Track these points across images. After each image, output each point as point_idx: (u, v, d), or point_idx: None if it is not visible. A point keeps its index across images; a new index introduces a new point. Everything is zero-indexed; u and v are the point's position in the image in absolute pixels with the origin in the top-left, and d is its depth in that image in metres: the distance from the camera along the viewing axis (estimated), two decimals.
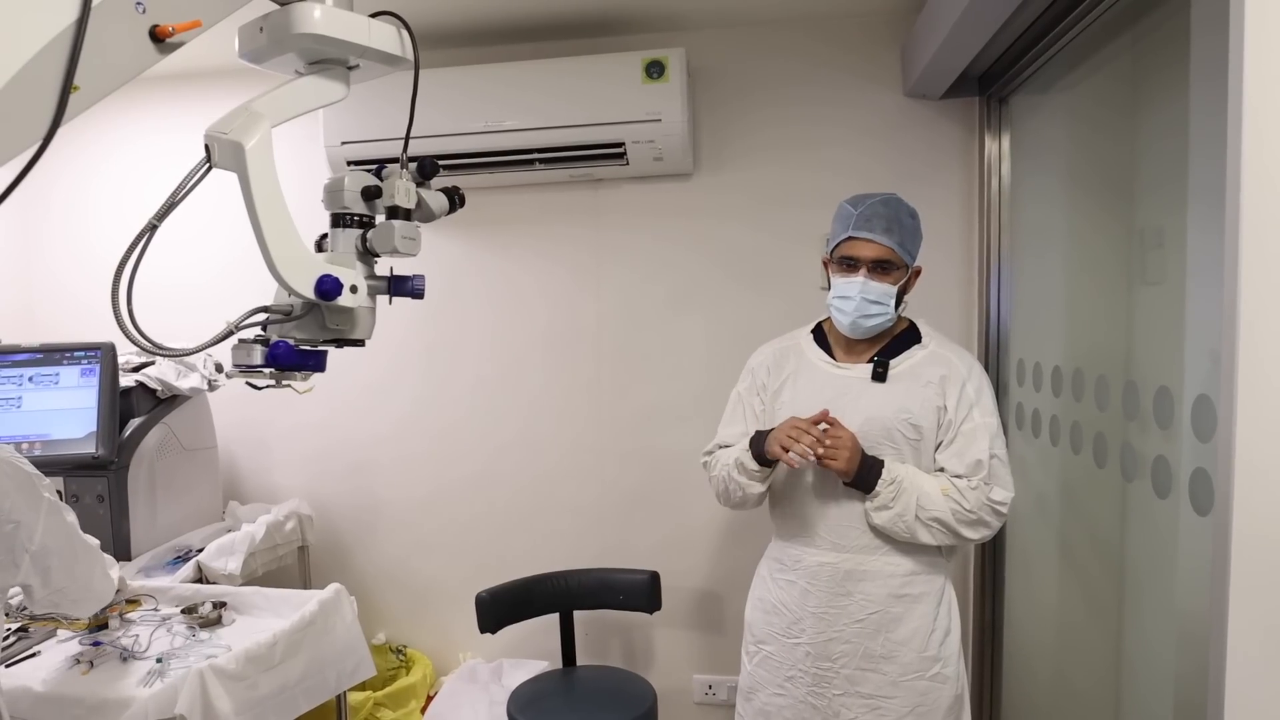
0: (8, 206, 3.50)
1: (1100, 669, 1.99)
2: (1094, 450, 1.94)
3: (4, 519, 1.57)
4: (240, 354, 1.36)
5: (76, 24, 0.99)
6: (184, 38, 1.11)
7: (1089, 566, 2.11)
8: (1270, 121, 1.05)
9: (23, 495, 1.60)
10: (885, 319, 1.91)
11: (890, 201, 1.92)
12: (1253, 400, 1.07)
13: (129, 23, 1.06)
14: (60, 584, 1.70)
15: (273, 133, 1.32)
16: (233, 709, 1.72)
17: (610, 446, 3.03)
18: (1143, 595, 1.79)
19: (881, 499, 1.85)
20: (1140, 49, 1.84)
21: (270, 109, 1.31)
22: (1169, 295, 1.61)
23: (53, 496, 1.68)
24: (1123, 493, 1.82)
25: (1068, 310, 2.23)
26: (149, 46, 1.09)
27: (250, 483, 3.24)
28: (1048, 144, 2.41)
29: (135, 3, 1.06)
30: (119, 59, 1.06)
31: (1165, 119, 1.68)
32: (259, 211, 1.26)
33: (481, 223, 3.02)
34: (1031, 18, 2.10)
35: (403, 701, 2.81)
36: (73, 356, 2.53)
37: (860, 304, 1.89)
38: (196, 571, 2.48)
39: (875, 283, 1.89)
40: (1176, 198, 1.49)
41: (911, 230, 1.92)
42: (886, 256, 1.88)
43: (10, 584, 1.63)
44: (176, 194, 1.29)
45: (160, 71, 1.43)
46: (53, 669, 1.90)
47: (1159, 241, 1.73)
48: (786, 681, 1.98)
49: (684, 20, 2.80)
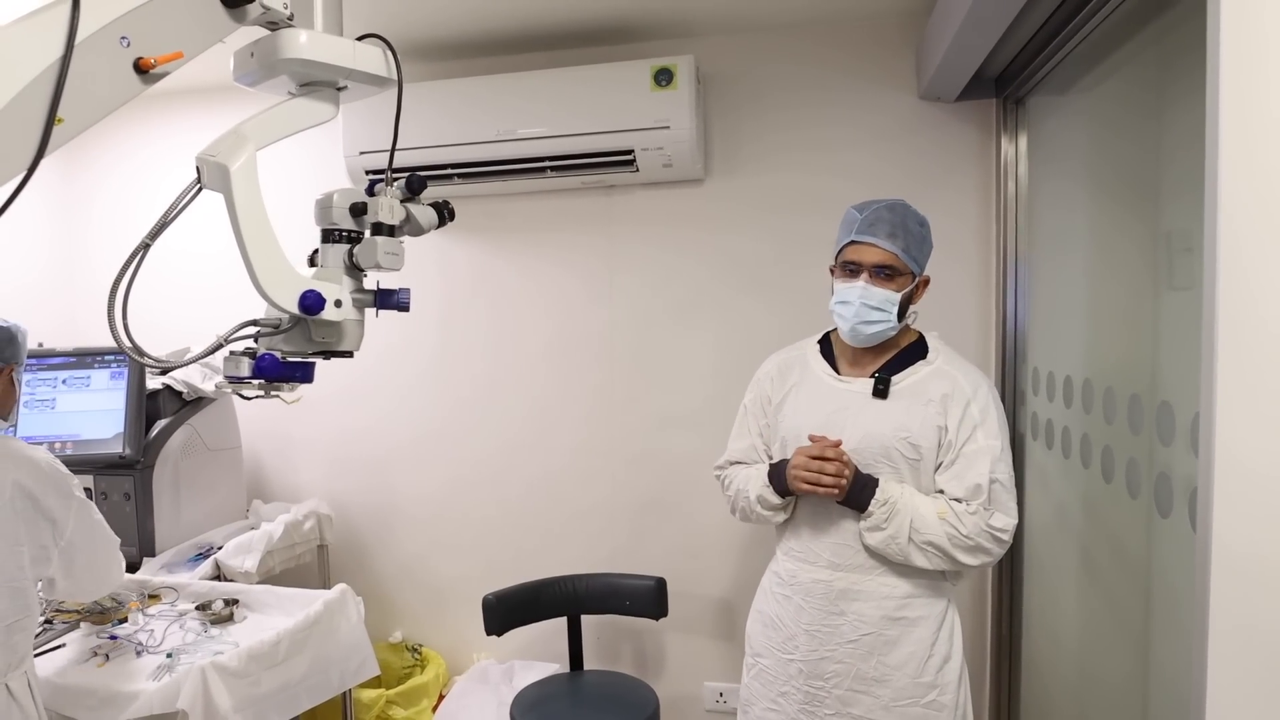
0: (53, 217, 3.65)
1: (1121, 688, 1.94)
2: (1102, 464, 1.90)
3: (44, 516, 1.70)
4: (230, 366, 1.41)
5: (61, 60, 1.04)
6: (167, 69, 1.15)
7: (1104, 584, 2.07)
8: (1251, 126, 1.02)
9: (59, 495, 1.74)
10: (886, 327, 1.87)
11: (896, 207, 1.88)
12: (1232, 411, 1.04)
13: (113, 56, 1.11)
14: (81, 577, 1.83)
15: (293, 140, 1.39)
16: (233, 705, 1.78)
17: (621, 451, 3.05)
18: (1163, 615, 1.75)
19: (874, 520, 1.82)
20: (1164, 45, 1.78)
21: (257, 131, 1.36)
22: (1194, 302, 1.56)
23: (82, 495, 1.79)
24: (1129, 510, 1.78)
25: (1087, 318, 2.18)
26: (133, 78, 1.14)
27: (274, 482, 3.33)
28: (1066, 145, 2.37)
29: (120, 37, 1.11)
30: (103, 91, 1.11)
31: (1192, 118, 1.63)
32: (243, 230, 1.30)
33: (497, 229, 3.07)
34: (1044, 15, 2.06)
35: (414, 700, 2.87)
36: (103, 360, 2.63)
37: (860, 309, 1.85)
38: (215, 569, 2.56)
39: (876, 288, 1.85)
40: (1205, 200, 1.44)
41: (918, 238, 1.88)
42: (889, 262, 1.84)
43: (43, 576, 1.75)
44: (169, 213, 1.35)
45: (201, 83, 1.50)
46: (71, 660, 1.99)
47: (1187, 245, 1.66)
48: (780, 697, 1.97)
49: (695, 27, 2.81)
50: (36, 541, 1.71)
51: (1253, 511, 1.01)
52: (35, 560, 1.71)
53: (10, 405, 1.89)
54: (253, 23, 1.31)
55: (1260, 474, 0.99)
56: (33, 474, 1.70)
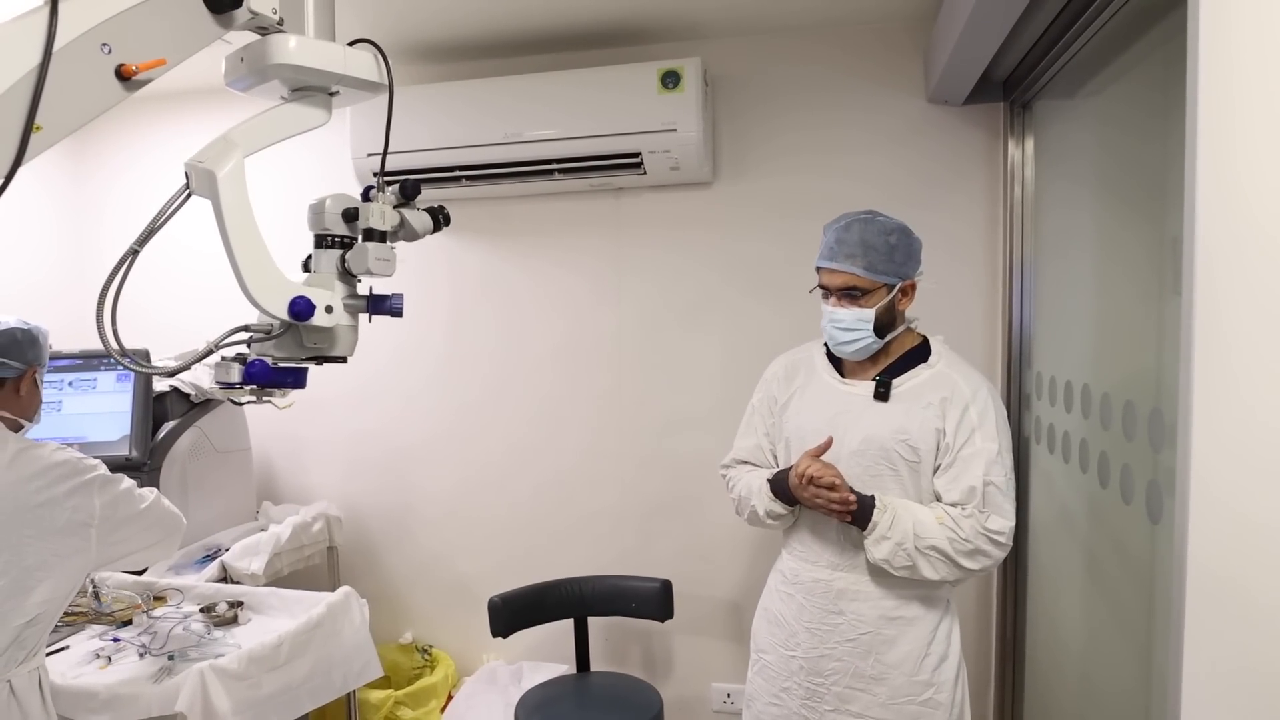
0: (61, 218, 3.67)
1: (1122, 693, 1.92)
2: (1098, 470, 1.88)
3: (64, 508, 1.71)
4: (220, 371, 1.41)
5: (39, 67, 1.04)
6: (149, 75, 1.16)
7: (1104, 590, 2.04)
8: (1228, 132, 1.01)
9: (69, 483, 1.73)
10: (864, 343, 1.89)
11: (854, 225, 1.89)
12: (1208, 413, 1.03)
13: (94, 63, 1.11)
14: (126, 544, 1.84)
15: (302, 142, 1.40)
16: (232, 707, 1.79)
17: (630, 453, 3.05)
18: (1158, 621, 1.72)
19: (879, 529, 1.82)
20: (1171, 49, 1.75)
21: (246, 138, 1.36)
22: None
23: (99, 471, 1.79)
24: (1124, 515, 1.76)
25: (1090, 323, 2.15)
26: (115, 85, 1.14)
27: (286, 483, 3.35)
28: (1073, 149, 2.34)
29: (101, 44, 1.11)
30: (84, 98, 1.11)
31: None
32: (230, 237, 1.31)
33: (505, 232, 3.07)
34: (1049, 19, 2.05)
35: (423, 701, 2.88)
36: (110, 362, 2.65)
37: (832, 331, 1.91)
38: (221, 570, 2.58)
39: (843, 310, 1.88)
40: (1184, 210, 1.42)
41: (884, 250, 1.86)
42: (851, 283, 1.87)
43: (88, 566, 1.77)
44: (157, 219, 1.36)
45: (213, 85, 1.51)
46: (74, 662, 2.00)
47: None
48: (782, 692, 2.00)
49: (703, 29, 2.80)
50: (64, 533, 1.70)
51: (1223, 525, 1.00)
52: (75, 551, 1.72)
53: (34, 407, 1.90)
54: (241, 28, 1.31)
55: (1229, 486, 0.99)
56: (43, 471, 1.69)
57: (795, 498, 1.90)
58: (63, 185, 3.39)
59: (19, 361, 1.82)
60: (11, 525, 1.64)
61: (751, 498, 2.01)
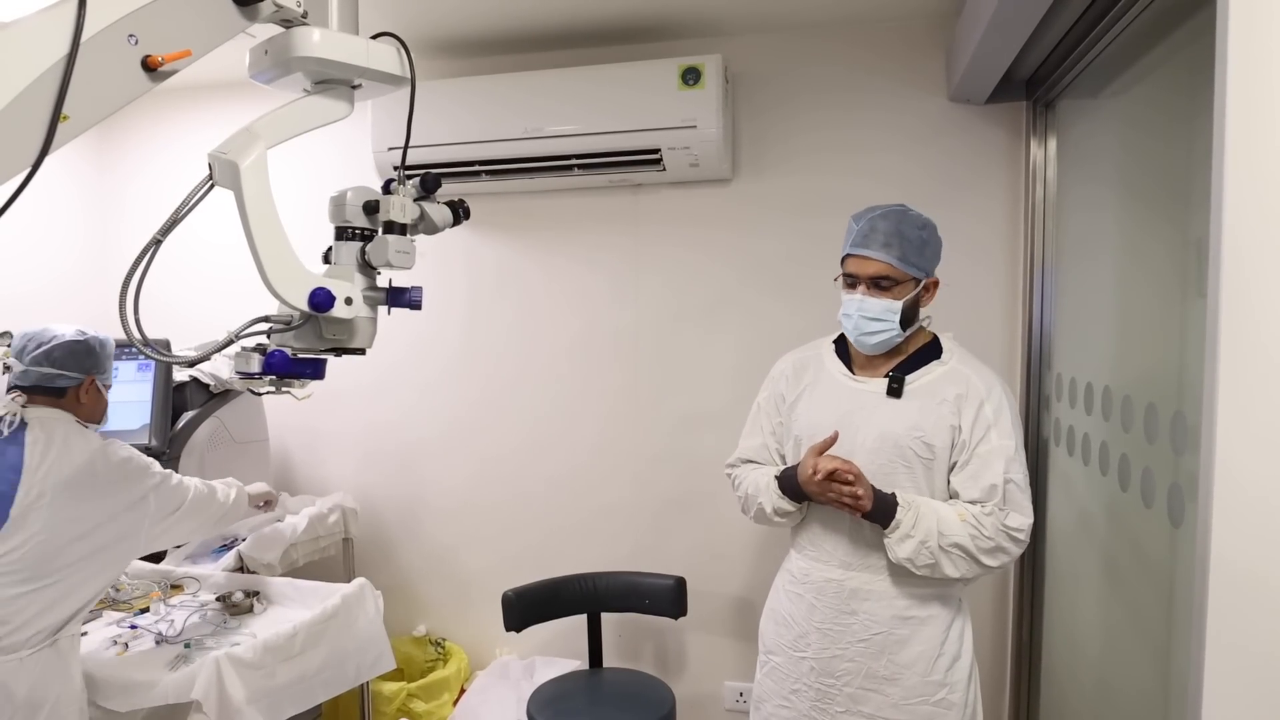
0: (87, 209, 3.70)
1: (1139, 697, 1.90)
2: (1118, 472, 1.87)
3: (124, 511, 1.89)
4: (240, 361, 1.43)
5: (67, 57, 1.05)
6: (175, 66, 1.16)
7: (1122, 592, 2.03)
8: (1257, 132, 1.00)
9: (126, 485, 1.93)
10: (889, 335, 1.87)
11: (891, 215, 1.87)
12: (1233, 415, 1.03)
13: (121, 54, 1.12)
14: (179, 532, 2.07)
15: (323, 136, 1.42)
16: (246, 696, 1.80)
17: (643, 449, 3.05)
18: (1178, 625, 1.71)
19: (903, 528, 1.79)
20: (1196, 49, 1.74)
21: (270, 129, 1.37)
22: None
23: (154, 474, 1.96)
24: (1144, 519, 1.74)
25: (1111, 324, 2.13)
26: (141, 76, 1.15)
27: (303, 475, 3.37)
28: (1097, 149, 2.32)
29: (128, 35, 1.12)
30: (110, 89, 1.12)
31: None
32: (252, 227, 1.32)
33: (524, 227, 3.08)
34: (1073, 18, 2.03)
35: (436, 694, 2.89)
36: (131, 351, 2.66)
37: (859, 321, 1.87)
38: (238, 560, 2.60)
39: (873, 300, 1.85)
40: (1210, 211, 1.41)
41: (917, 243, 1.86)
42: (884, 273, 1.84)
43: (139, 552, 1.97)
44: (180, 210, 1.37)
45: (239, 76, 1.52)
46: (92, 648, 2.02)
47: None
48: (791, 694, 1.98)
49: (725, 26, 2.79)
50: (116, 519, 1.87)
51: (1249, 523, 0.99)
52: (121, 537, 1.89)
53: (100, 411, 2.06)
54: (265, 20, 1.32)
55: (1257, 485, 0.98)
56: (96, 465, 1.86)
57: (805, 494, 1.88)
58: (89, 176, 3.42)
59: (77, 371, 1.97)
60: (104, 507, 1.83)
61: (759, 495, 1.99)
